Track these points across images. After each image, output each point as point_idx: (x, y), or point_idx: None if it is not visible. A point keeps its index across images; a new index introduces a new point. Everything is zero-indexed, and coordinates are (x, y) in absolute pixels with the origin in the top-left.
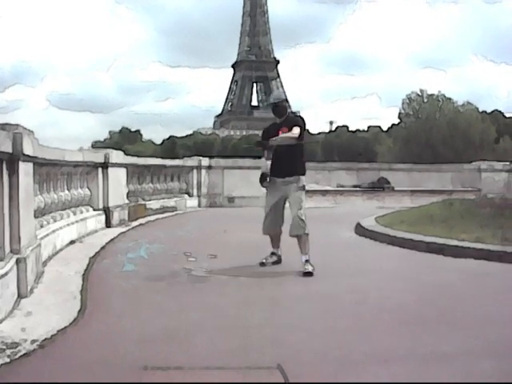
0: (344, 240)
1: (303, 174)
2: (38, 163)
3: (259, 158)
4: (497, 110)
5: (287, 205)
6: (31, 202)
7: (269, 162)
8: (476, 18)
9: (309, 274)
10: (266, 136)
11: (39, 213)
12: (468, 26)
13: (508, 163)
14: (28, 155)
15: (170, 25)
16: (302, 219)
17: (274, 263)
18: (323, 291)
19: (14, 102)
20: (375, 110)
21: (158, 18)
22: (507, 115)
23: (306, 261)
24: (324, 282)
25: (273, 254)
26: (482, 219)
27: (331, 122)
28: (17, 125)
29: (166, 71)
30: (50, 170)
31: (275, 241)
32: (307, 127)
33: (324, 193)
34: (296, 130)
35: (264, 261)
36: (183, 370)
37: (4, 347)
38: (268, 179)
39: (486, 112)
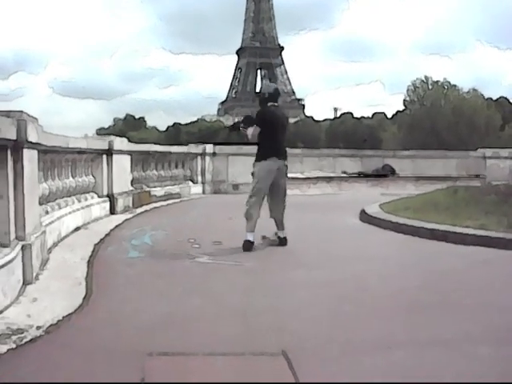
0: (348, 227)
1: None
2: (43, 150)
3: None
4: (502, 97)
5: None
6: (36, 189)
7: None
8: (480, 3)
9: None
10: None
11: (44, 200)
12: (472, 12)
13: None
14: (32, 142)
15: (173, 11)
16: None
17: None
18: (326, 278)
19: (18, 89)
20: (379, 97)
21: (160, 4)
22: None
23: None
24: (327, 269)
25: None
26: (487, 206)
27: (336, 109)
28: (21, 112)
29: (169, 58)
30: (54, 157)
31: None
32: (312, 114)
33: (328, 179)
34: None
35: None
36: (187, 355)
37: (10, 333)
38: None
39: (491, 99)
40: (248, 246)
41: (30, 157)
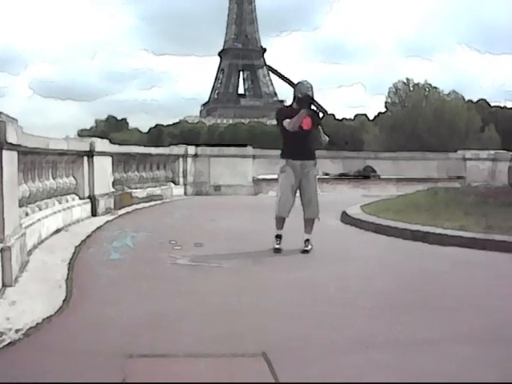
0: (329, 228)
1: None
2: (23, 152)
3: (244, 146)
4: (482, 99)
5: None
6: (15, 191)
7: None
8: (460, 7)
9: (307, 251)
10: (285, 115)
11: (24, 201)
12: (453, 16)
13: (493, 152)
14: (12, 143)
15: (155, 12)
16: (318, 203)
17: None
18: (308, 278)
19: None
20: (361, 99)
21: (143, 5)
22: (492, 104)
23: (308, 240)
24: (309, 270)
25: (279, 236)
26: (467, 207)
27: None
28: (0, 113)
29: (151, 59)
30: (34, 158)
31: (282, 223)
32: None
33: None
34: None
35: (278, 246)
36: (168, 357)
37: None
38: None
39: (471, 101)
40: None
41: (9, 158)
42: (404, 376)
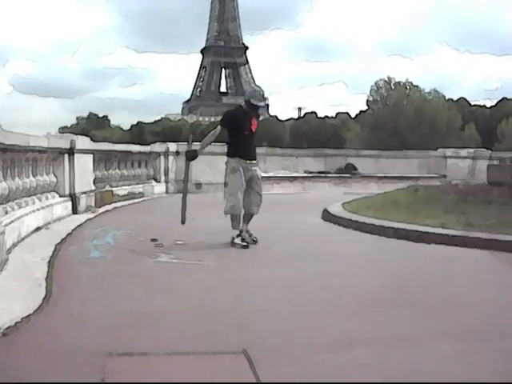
0: (311, 226)
1: None
2: (2, 149)
3: (226, 143)
4: (463, 98)
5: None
6: None
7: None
8: (440, 6)
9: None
10: (234, 118)
11: (3, 199)
12: (433, 15)
13: (472, 150)
14: None
15: (137, 9)
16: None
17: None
18: (289, 277)
19: None
20: (343, 97)
21: (123, 2)
22: (472, 103)
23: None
24: (290, 268)
25: (240, 234)
26: (447, 205)
27: (300, 109)
28: None
29: (132, 56)
30: (14, 155)
31: (239, 220)
32: (276, 114)
33: (291, 179)
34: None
35: (245, 243)
36: (148, 355)
37: None
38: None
39: (452, 100)
40: None
41: None
42: (387, 374)
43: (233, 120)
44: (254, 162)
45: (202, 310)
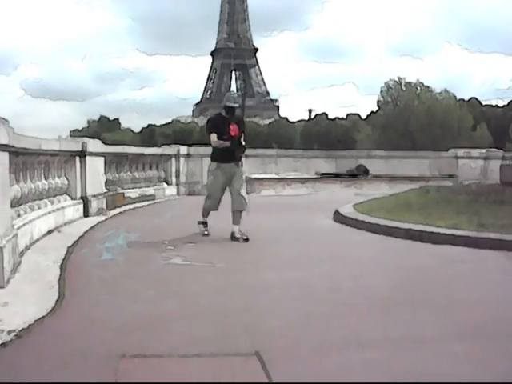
0: (322, 227)
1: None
2: (14, 152)
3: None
4: (474, 98)
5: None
6: (7, 192)
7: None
8: (450, 6)
9: (247, 239)
10: (215, 125)
11: (16, 202)
12: (443, 16)
13: (484, 150)
14: (3, 144)
15: (147, 12)
16: (245, 197)
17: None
18: (299, 278)
19: None
20: (353, 98)
21: (133, 5)
22: (484, 103)
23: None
24: (300, 269)
25: (206, 223)
26: (459, 206)
27: (310, 110)
28: None
29: (142, 59)
30: (26, 159)
31: (208, 213)
32: (286, 115)
33: (303, 181)
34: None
35: (206, 232)
36: (161, 357)
37: None
38: None
39: (463, 100)
40: None
41: (0, 159)
42: (397, 374)
43: (214, 126)
44: (233, 164)
45: (214, 311)
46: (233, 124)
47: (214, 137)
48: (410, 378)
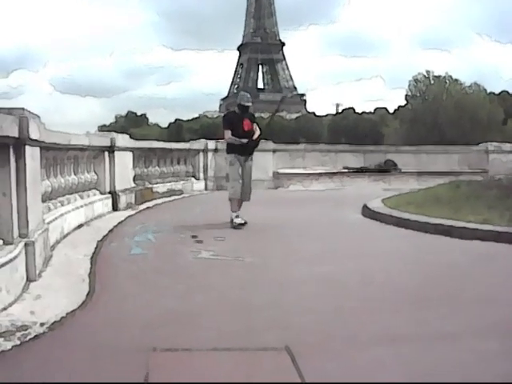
0: (350, 222)
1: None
2: (45, 147)
3: (265, 140)
4: (505, 91)
5: None
6: (38, 187)
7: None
8: None
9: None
10: (231, 122)
11: (46, 197)
12: (471, 7)
13: None
14: (34, 139)
15: (173, 8)
16: (251, 189)
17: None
18: (329, 273)
19: (18, 87)
20: (380, 92)
21: (158, 0)
22: None
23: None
24: (330, 264)
25: (238, 216)
26: (489, 201)
27: (338, 105)
28: (22, 109)
29: (169, 54)
30: (56, 154)
31: (239, 204)
32: (313, 110)
33: (330, 175)
34: (258, 131)
35: (239, 222)
36: (191, 351)
37: (14, 330)
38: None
39: (493, 93)
40: None
41: (32, 154)
42: (427, 369)
43: (229, 122)
44: (246, 156)
45: (243, 306)
46: (246, 120)
47: (228, 133)
48: (443, 374)
